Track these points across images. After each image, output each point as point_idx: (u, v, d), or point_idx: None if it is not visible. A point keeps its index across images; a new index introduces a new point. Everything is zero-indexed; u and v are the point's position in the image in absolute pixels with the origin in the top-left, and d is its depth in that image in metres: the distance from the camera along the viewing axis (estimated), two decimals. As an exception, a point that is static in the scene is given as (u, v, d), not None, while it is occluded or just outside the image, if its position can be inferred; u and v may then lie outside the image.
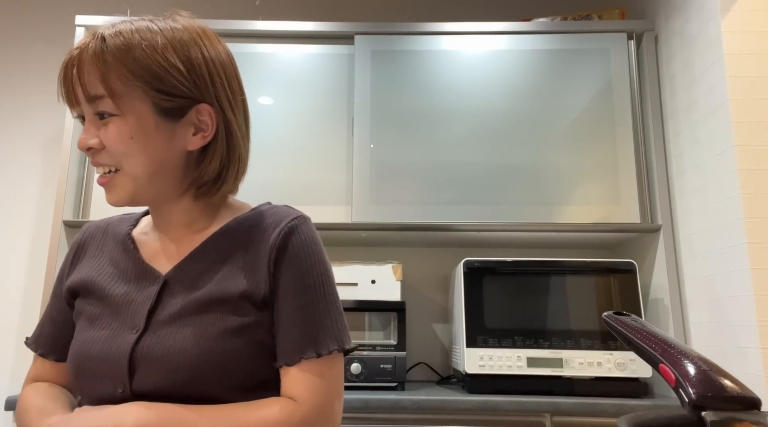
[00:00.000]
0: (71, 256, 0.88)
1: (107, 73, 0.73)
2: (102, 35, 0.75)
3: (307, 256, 0.79)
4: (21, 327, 2.15)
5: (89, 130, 0.75)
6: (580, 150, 1.88)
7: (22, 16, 2.42)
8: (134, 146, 0.74)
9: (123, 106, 0.74)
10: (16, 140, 2.30)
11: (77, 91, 0.75)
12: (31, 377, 0.87)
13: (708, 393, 0.45)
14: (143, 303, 0.77)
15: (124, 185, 0.76)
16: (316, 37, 2.01)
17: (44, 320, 0.88)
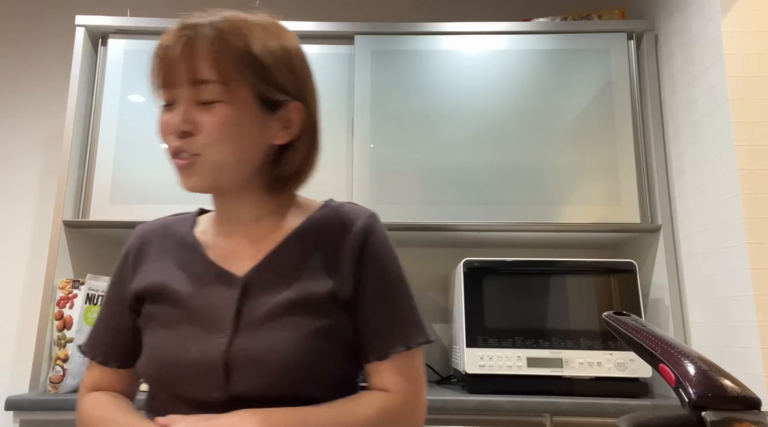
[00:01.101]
0: (131, 260, 0.85)
1: (221, 59, 0.73)
2: (212, 22, 0.75)
3: (385, 253, 0.82)
4: (21, 327, 2.15)
5: (185, 113, 0.74)
6: (580, 150, 1.88)
7: (22, 16, 2.42)
8: (232, 134, 0.75)
9: (229, 93, 0.74)
10: (16, 140, 2.30)
11: (179, 74, 0.74)
12: (89, 386, 0.84)
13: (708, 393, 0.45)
14: (227, 306, 0.76)
15: (206, 171, 0.76)
16: (316, 37, 2.01)
17: (99, 327, 0.86)
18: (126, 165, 1.88)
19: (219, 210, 0.84)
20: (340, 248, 0.80)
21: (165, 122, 0.76)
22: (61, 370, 1.65)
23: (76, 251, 1.89)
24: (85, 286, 1.73)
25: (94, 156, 1.89)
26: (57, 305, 1.71)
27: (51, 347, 1.70)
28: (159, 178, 1.87)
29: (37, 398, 1.55)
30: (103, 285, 1.78)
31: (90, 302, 1.74)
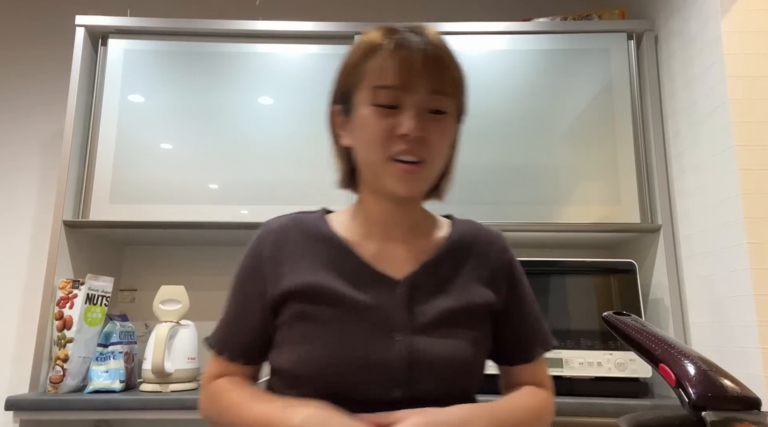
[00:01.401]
0: (267, 257, 0.84)
1: (457, 75, 0.81)
2: (437, 35, 0.82)
3: (522, 270, 0.92)
4: (21, 327, 2.15)
5: (421, 121, 0.77)
6: (580, 150, 1.88)
7: (22, 16, 2.42)
8: (446, 145, 0.81)
9: (453, 105, 0.80)
10: (16, 140, 2.30)
11: (420, 81, 0.77)
12: (215, 375, 0.85)
13: (708, 393, 0.45)
14: (395, 309, 0.77)
15: (427, 179, 0.80)
16: (316, 37, 2.01)
17: (228, 323, 0.86)
18: (126, 165, 1.88)
19: (378, 213, 0.85)
20: (491, 263, 0.87)
21: (392, 125, 0.77)
22: (61, 370, 1.65)
23: (76, 251, 1.89)
24: (85, 286, 1.73)
25: (94, 156, 1.89)
26: (57, 305, 1.71)
27: (51, 347, 1.70)
28: (159, 178, 1.87)
29: (37, 398, 1.55)
30: (103, 285, 1.78)
31: (90, 302, 1.74)
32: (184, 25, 1.99)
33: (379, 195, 0.83)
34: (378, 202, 0.85)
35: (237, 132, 1.92)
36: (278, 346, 0.82)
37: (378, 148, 0.77)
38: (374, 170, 0.80)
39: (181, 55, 1.98)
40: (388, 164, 0.77)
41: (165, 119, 1.92)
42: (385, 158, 0.77)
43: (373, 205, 0.85)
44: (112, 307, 2.09)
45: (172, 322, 1.75)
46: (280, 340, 0.81)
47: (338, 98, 0.86)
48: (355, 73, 0.82)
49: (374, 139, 0.77)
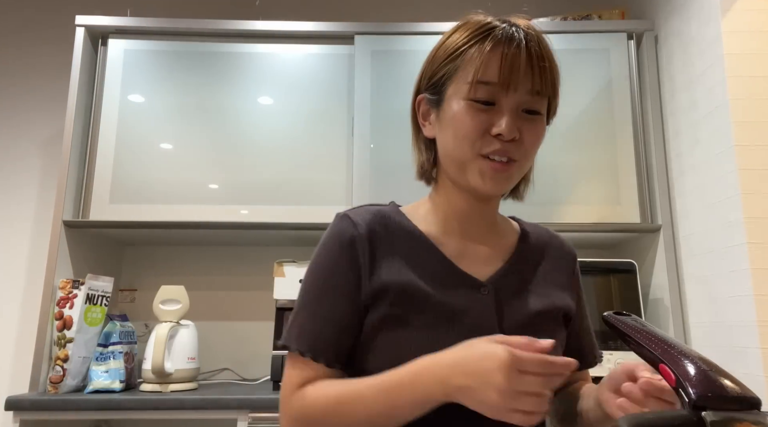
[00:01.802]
0: (362, 250, 0.77)
1: (557, 76, 0.78)
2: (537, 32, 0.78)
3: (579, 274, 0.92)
4: (21, 327, 2.15)
5: (516, 121, 0.74)
6: (580, 150, 1.88)
7: (23, 17, 2.42)
8: (537, 146, 0.78)
9: (545, 108, 0.77)
10: (16, 140, 2.30)
11: (521, 80, 0.74)
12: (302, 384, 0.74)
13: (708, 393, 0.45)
14: (484, 312, 0.74)
15: (513, 178, 0.77)
16: (316, 37, 2.01)
17: (319, 323, 0.75)
18: (126, 165, 1.88)
19: (458, 208, 0.82)
20: (566, 269, 0.87)
21: (487, 122, 0.74)
22: (61, 370, 1.65)
23: (76, 251, 1.89)
24: (85, 286, 1.73)
25: (94, 156, 1.89)
26: (57, 305, 1.71)
27: (51, 347, 1.70)
28: (159, 178, 1.87)
29: (37, 398, 1.55)
30: (103, 285, 1.78)
31: (90, 302, 1.74)
32: (184, 25, 1.99)
33: (461, 190, 0.80)
34: (459, 197, 0.81)
35: (237, 132, 1.92)
36: (363, 349, 0.75)
37: (469, 144, 0.74)
38: (460, 165, 0.76)
39: (181, 55, 1.98)
40: (477, 160, 0.74)
41: (165, 119, 1.92)
42: (474, 154, 0.74)
43: (452, 200, 0.82)
44: (112, 307, 2.09)
45: (172, 322, 1.75)
46: (366, 342, 0.75)
47: (426, 87, 0.81)
48: (449, 65, 0.77)
49: (466, 135, 0.74)
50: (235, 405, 1.56)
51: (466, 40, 0.77)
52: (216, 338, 2.14)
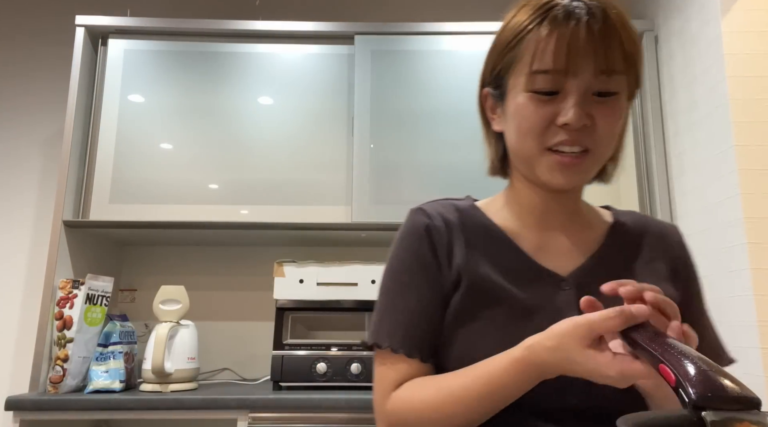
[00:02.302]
0: (442, 240, 0.76)
1: (630, 48, 0.68)
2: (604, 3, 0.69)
3: (695, 264, 0.81)
4: (21, 327, 2.15)
5: (585, 106, 0.68)
6: (580, 150, 1.88)
7: (22, 16, 2.42)
8: (618, 128, 0.71)
9: (625, 83, 0.70)
10: (16, 140, 2.30)
11: (585, 62, 0.66)
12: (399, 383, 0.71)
13: (708, 393, 0.45)
14: (564, 309, 0.69)
15: (590, 168, 0.71)
16: (316, 37, 2.01)
17: (408, 317, 0.73)
18: (126, 165, 1.88)
19: (533, 202, 0.77)
20: (668, 256, 0.78)
21: (551, 113, 0.68)
22: (61, 370, 1.65)
23: (76, 251, 1.89)
24: (85, 286, 1.73)
25: (94, 156, 1.89)
26: (57, 305, 1.71)
27: (51, 347, 1.70)
28: (159, 178, 1.87)
29: (37, 398, 1.55)
30: (103, 285, 1.78)
31: (90, 302, 1.74)
32: (184, 25, 1.99)
33: (533, 184, 0.76)
34: (533, 190, 0.77)
35: (237, 132, 1.92)
36: (447, 342, 0.72)
37: (533, 138, 0.69)
38: (527, 161, 0.72)
39: (181, 55, 1.98)
40: (544, 154, 0.70)
41: (165, 119, 1.92)
42: (541, 149, 0.70)
43: (527, 194, 0.78)
44: (112, 307, 2.09)
45: (172, 322, 1.75)
46: (449, 335, 0.72)
47: (489, 80, 0.77)
48: (508, 55, 0.72)
49: (530, 129, 0.69)
50: (235, 405, 1.56)
51: (524, 25, 0.70)
52: (216, 338, 2.14)
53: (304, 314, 1.85)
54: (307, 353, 1.75)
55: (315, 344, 1.78)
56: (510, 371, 0.62)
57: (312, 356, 1.74)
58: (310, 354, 1.74)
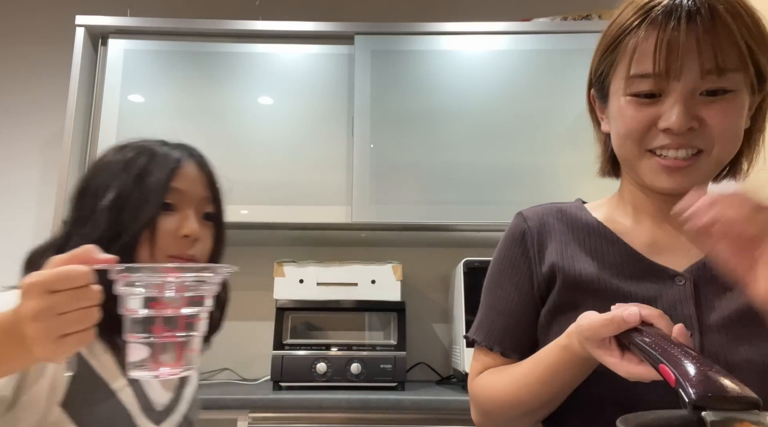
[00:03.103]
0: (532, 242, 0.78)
1: (748, 39, 0.63)
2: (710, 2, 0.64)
3: None
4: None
5: (689, 108, 0.64)
6: (580, 150, 1.88)
7: (22, 16, 2.42)
8: (739, 127, 0.67)
9: (743, 80, 0.65)
10: (16, 141, 2.30)
11: (690, 64, 0.63)
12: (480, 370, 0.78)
13: (708, 393, 0.45)
14: (678, 303, 0.68)
15: (705, 170, 0.67)
16: (316, 37, 2.01)
17: (491, 314, 0.78)
18: (126, 165, 1.87)
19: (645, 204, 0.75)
20: None
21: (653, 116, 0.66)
22: (61, 370, 1.64)
23: (76, 251, 1.89)
24: (85, 286, 1.73)
25: (94, 156, 1.89)
26: (57, 305, 1.71)
27: (51, 347, 1.70)
28: (159, 178, 1.87)
29: (37, 398, 1.55)
30: (103, 285, 1.78)
31: (90, 302, 1.74)
32: (184, 25, 1.99)
33: (642, 187, 0.74)
34: (642, 192, 0.75)
35: (237, 132, 1.92)
36: (540, 340, 0.75)
37: (632, 142, 0.68)
38: (629, 163, 0.71)
39: (181, 55, 1.98)
40: (644, 157, 0.68)
41: (165, 119, 1.92)
42: (640, 151, 0.68)
43: (638, 196, 0.76)
44: (112, 307, 2.09)
45: (172, 322, 1.75)
46: (541, 332, 0.75)
47: (594, 82, 0.76)
48: (608, 58, 0.71)
49: (629, 132, 0.68)
50: (235, 405, 1.56)
51: (623, 27, 0.68)
52: (216, 338, 2.14)
53: (304, 314, 1.85)
54: (307, 353, 1.75)
55: (315, 344, 1.78)
56: (560, 358, 0.65)
57: (312, 356, 1.74)
58: (310, 354, 1.74)
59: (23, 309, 0.52)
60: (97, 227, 0.78)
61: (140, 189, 0.78)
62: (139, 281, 0.56)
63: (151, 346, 0.58)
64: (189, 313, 0.59)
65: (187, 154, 0.87)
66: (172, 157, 0.83)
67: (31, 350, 0.52)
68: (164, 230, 0.78)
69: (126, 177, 0.79)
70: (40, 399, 0.71)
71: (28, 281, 0.52)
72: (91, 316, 0.53)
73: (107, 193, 0.79)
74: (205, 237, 0.82)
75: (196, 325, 0.60)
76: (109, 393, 0.76)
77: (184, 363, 0.59)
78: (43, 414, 0.71)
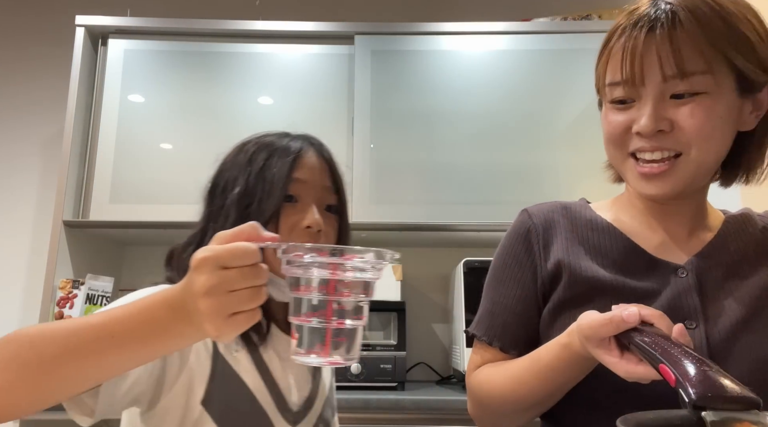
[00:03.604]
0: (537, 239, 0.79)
1: (708, 45, 0.65)
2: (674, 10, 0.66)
3: None
4: (21, 327, 2.15)
5: (657, 111, 0.66)
6: (579, 150, 1.88)
7: (22, 16, 2.42)
8: (718, 128, 0.67)
9: (713, 82, 0.65)
10: (15, 140, 2.30)
11: (652, 70, 0.66)
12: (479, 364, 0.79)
13: (708, 393, 0.45)
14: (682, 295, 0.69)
15: (685, 173, 0.68)
16: (316, 37, 2.01)
17: (492, 309, 0.79)
18: (126, 165, 1.88)
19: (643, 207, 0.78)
20: None
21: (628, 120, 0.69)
22: (61, 370, 1.65)
23: (76, 251, 1.89)
24: (85, 286, 1.73)
25: (94, 156, 1.89)
26: (57, 305, 1.71)
27: (51, 347, 1.70)
28: (159, 178, 1.87)
29: (37, 398, 1.55)
30: (103, 285, 1.78)
31: (90, 302, 1.74)
32: (184, 25, 1.99)
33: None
34: (639, 196, 0.78)
35: (237, 132, 1.91)
36: (543, 336, 0.75)
37: (614, 146, 0.72)
38: (617, 168, 0.75)
39: (181, 55, 1.98)
40: (628, 162, 0.71)
41: (165, 119, 1.92)
42: (624, 155, 0.72)
43: (636, 198, 0.79)
44: (112, 307, 2.09)
45: (172, 322, 1.75)
46: (544, 328, 0.75)
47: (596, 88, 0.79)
48: (598, 69, 0.75)
49: (610, 137, 0.72)
50: (235, 405, 1.56)
51: (608, 37, 0.72)
52: (216, 338, 2.14)
53: (304, 314, 1.84)
54: (307, 353, 1.75)
55: (315, 344, 1.78)
56: (560, 356, 0.66)
57: (312, 356, 1.74)
58: (310, 354, 1.74)
59: (195, 284, 0.49)
60: (227, 222, 0.78)
61: (263, 182, 0.79)
62: (312, 261, 0.52)
63: (319, 332, 0.54)
64: (359, 300, 0.54)
65: (307, 144, 0.87)
66: (292, 147, 0.84)
67: (201, 326, 0.50)
68: (287, 223, 0.78)
69: (250, 171, 0.81)
70: (181, 397, 0.71)
71: (200, 255, 0.49)
72: (260, 295, 0.51)
73: (234, 189, 0.81)
74: (328, 230, 0.83)
75: (364, 311, 0.56)
76: (246, 391, 0.75)
77: (354, 353, 0.55)
78: (184, 413, 0.71)
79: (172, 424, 0.71)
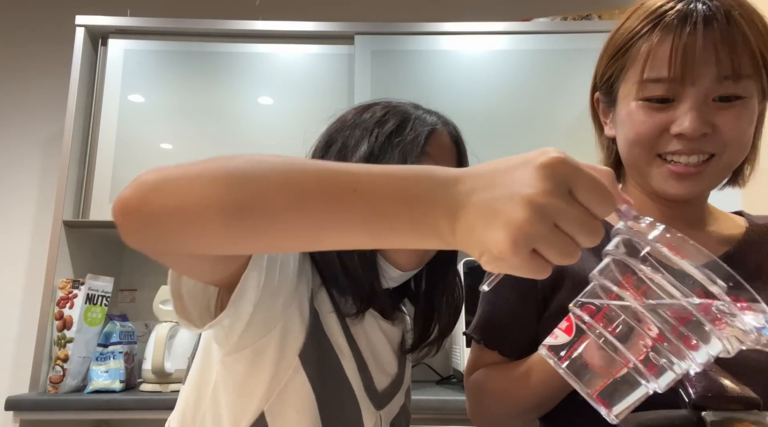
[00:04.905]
0: None
1: (760, 50, 0.63)
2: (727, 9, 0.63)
3: None
4: (21, 327, 2.15)
5: (703, 114, 0.63)
6: (580, 150, 1.87)
7: (22, 16, 2.42)
8: (750, 133, 0.66)
9: (754, 86, 0.65)
10: (16, 140, 2.30)
11: (706, 70, 0.62)
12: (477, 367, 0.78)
13: (708, 393, 0.45)
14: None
15: (715, 175, 0.67)
16: (316, 37, 2.01)
17: (492, 312, 0.78)
18: (126, 165, 1.87)
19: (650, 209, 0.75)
20: None
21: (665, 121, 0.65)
22: (61, 370, 1.65)
23: (76, 251, 1.89)
24: (85, 286, 1.73)
25: (94, 156, 1.89)
26: (57, 305, 1.71)
27: (51, 347, 1.70)
28: (159, 178, 1.87)
29: (37, 398, 1.55)
30: (103, 285, 1.78)
31: (90, 302, 1.74)
32: (184, 25, 1.99)
33: (648, 192, 0.73)
34: (648, 197, 0.75)
35: (237, 132, 1.92)
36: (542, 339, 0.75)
37: (642, 147, 0.67)
38: (637, 169, 0.71)
39: (181, 55, 1.98)
40: (654, 162, 0.67)
41: (165, 119, 1.92)
42: (650, 156, 0.67)
43: (642, 200, 0.75)
44: (112, 307, 2.09)
45: (172, 322, 1.75)
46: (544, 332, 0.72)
47: (600, 86, 0.75)
48: (618, 61, 0.70)
49: (639, 137, 0.67)
50: (235, 405, 1.56)
51: (635, 31, 0.67)
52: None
53: (304, 314, 1.84)
54: (307, 353, 1.75)
55: (315, 344, 1.78)
56: None
57: (312, 356, 1.74)
58: (310, 354, 1.74)
59: (531, 180, 0.37)
60: None
61: (392, 148, 0.72)
62: (662, 241, 0.40)
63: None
64: (691, 366, 0.40)
65: (442, 121, 0.82)
66: (428, 120, 0.78)
67: (481, 231, 0.38)
68: None
69: (377, 133, 0.73)
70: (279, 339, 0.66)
71: (559, 155, 0.39)
72: (575, 253, 0.39)
73: (358, 149, 0.73)
74: None
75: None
76: (335, 358, 0.70)
77: (618, 409, 0.42)
78: (279, 357, 0.66)
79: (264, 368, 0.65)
